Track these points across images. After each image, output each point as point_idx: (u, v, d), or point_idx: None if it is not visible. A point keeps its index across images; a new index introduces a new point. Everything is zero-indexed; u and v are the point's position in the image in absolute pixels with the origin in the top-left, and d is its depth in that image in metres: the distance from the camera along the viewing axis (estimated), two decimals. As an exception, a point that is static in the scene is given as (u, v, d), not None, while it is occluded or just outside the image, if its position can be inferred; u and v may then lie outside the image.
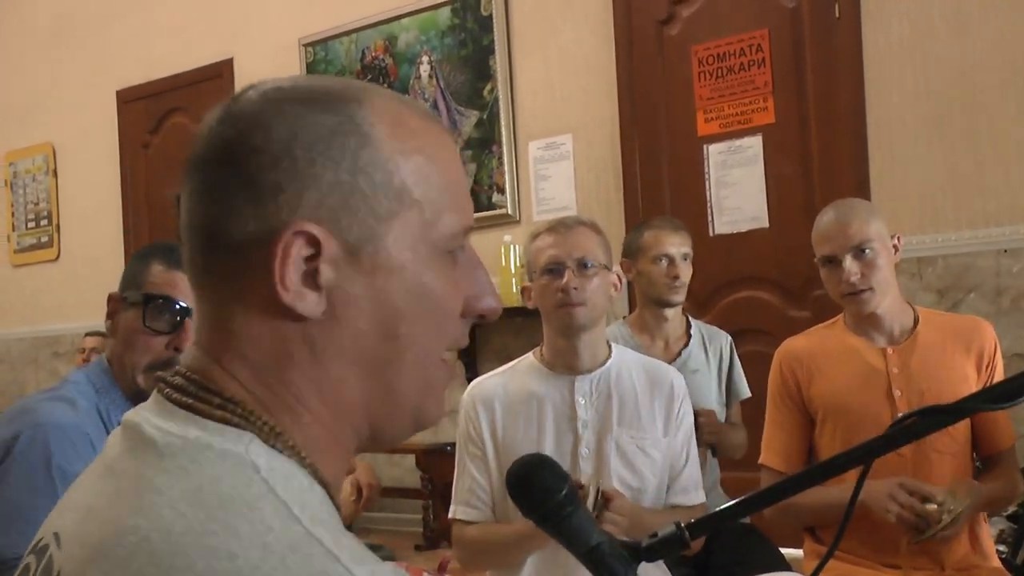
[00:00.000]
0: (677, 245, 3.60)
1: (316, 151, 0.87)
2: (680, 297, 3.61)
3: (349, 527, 0.90)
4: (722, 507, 1.21)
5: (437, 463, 5.75)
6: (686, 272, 3.60)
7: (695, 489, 2.67)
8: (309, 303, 0.86)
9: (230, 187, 0.87)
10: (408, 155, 0.90)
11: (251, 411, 0.86)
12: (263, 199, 0.86)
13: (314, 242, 0.86)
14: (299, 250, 0.86)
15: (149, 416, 0.88)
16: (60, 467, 2.02)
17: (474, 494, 2.62)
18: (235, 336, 0.88)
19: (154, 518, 0.79)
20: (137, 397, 2.16)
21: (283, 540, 0.76)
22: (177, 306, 2.23)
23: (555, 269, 2.58)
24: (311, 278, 0.86)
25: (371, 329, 0.89)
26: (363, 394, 0.91)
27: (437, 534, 5.90)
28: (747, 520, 3.32)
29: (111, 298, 2.30)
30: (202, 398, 0.87)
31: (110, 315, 2.30)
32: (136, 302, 2.24)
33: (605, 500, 2.38)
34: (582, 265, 2.57)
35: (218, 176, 0.88)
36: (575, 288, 2.55)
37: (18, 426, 2.10)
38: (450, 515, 2.67)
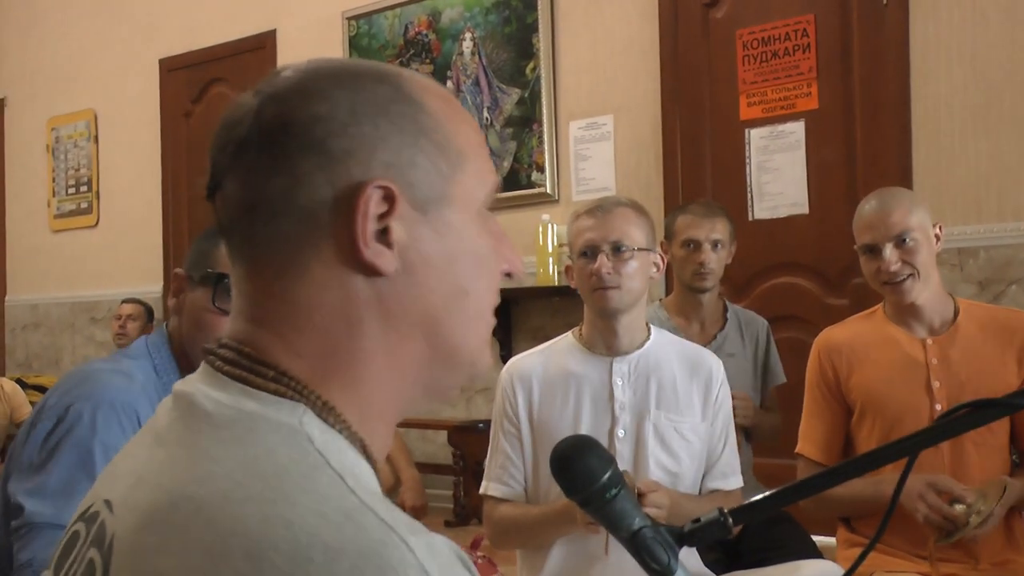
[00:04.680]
0: (706, 231, 3.55)
1: (380, 116, 0.90)
2: (706, 284, 3.56)
3: None
4: (767, 494, 1.21)
5: (469, 440, 5.77)
6: (713, 259, 3.54)
7: (733, 474, 2.67)
8: (386, 259, 0.89)
9: (295, 157, 0.88)
10: (455, 121, 0.95)
11: (305, 385, 0.87)
12: (334, 164, 0.88)
13: (389, 198, 0.88)
14: (375, 207, 0.88)
15: (201, 387, 0.89)
16: (104, 444, 2.04)
17: (507, 471, 2.62)
18: (298, 306, 0.89)
19: (210, 486, 0.80)
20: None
21: (339, 509, 0.77)
22: None
23: (590, 252, 2.58)
24: (384, 236, 0.89)
25: (440, 286, 0.92)
26: (428, 352, 0.93)
27: (468, 510, 5.92)
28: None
29: (176, 277, 2.27)
30: (256, 371, 0.88)
31: (175, 293, 2.27)
32: (204, 282, 2.20)
33: (640, 496, 2.36)
34: (616, 249, 2.55)
35: (280, 149, 0.89)
36: (608, 273, 2.53)
37: (72, 397, 2.12)
38: (481, 491, 2.67)
